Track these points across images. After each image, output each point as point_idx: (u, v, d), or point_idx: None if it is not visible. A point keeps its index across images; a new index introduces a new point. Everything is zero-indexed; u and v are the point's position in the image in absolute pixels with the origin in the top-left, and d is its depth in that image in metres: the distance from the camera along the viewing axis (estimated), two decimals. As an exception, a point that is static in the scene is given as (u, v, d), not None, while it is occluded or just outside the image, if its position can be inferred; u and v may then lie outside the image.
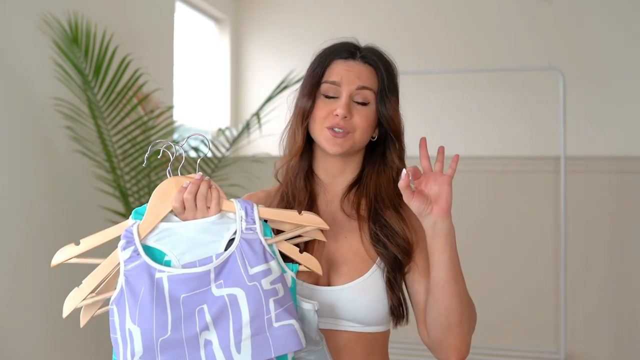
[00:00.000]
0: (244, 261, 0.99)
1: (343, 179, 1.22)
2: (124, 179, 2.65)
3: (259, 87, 4.14)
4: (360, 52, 1.19)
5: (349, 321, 1.13)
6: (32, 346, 2.38)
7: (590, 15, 3.67)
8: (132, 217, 1.04)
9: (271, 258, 1.01)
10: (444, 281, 1.06)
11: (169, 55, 3.42)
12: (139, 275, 0.98)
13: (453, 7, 3.92)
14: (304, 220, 1.07)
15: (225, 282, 0.98)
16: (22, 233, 2.38)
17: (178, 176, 1.07)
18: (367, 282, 1.13)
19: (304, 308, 1.05)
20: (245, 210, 1.03)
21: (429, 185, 1.06)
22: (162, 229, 1.03)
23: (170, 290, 0.97)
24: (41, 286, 2.46)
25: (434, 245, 1.06)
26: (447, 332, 1.09)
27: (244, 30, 4.27)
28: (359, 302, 1.12)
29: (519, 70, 3.58)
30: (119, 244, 1.01)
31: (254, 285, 0.98)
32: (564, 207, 2.92)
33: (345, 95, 1.15)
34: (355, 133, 1.16)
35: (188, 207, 1.03)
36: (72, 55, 2.51)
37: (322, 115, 1.16)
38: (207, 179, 1.05)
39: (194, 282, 0.97)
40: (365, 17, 4.01)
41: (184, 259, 1.01)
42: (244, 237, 1.01)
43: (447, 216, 1.05)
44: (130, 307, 0.97)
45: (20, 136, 2.38)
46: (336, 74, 1.17)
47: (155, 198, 1.04)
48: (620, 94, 3.60)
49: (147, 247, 1.01)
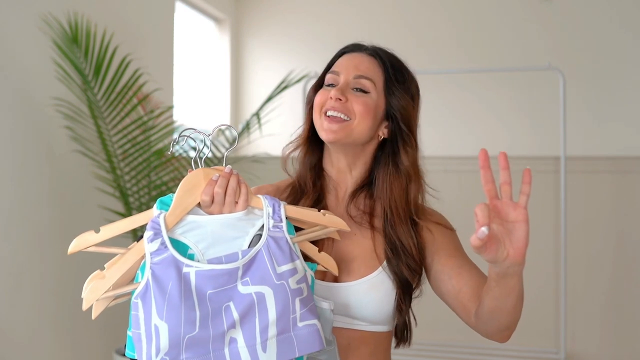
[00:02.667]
0: (271, 259, 0.98)
1: (351, 176, 1.21)
2: (124, 179, 2.65)
3: (259, 87, 4.14)
4: (369, 48, 1.21)
5: (356, 319, 1.13)
6: (32, 346, 2.38)
7: (590, 15, 3.67)
8: (156, 207, 1.00)
9: (296, 257, 1.00)
10: (510, 306, 0.98)
11: (169, 55, 3.42)
12: (167, 269, 0.94)
13: (453, 7, 3.92)
14: (328, 222, 1.06)
15: (251, 280, 0.96)
16: (22, 233, 2.38)
17: (206, 168, 1.03)
18: (375, 279, 1.13)
19: (322, 307, 1.04)
20: (272, 208, 1.02)
21: (502, 222, 0.87)
22: (188, 221, 0.99)
23: (197, 285, 0.95)
24: (41, 286, 2.46)
25: (503, 283, 0.92)
26: (506, 330, 1.06)
27: (244, 30, 4.27)
28: (367, 299, 1.12)
29: (519, 70, 3.58)
30: (145, 235, 0.97)
31: (281, 283, 0.96)
32: (564, 207, 2.92)
33: (342, 81, 1.16)
34: (352, 121, 1.13)
35: (217, 201, 1.00)
36: (72, 55, 2.51)
37: (320, 101, 1.16)
38: (236, 173, 1.03)
39: (222, 278, 0.95)
40: (365, 17, 4.01)
41: (208, 253, 0.98)
42: (271, 235, 1.00)
43: (524, 259, 0.86)
44: (157, 301, 0.93)
45: (21, 136, 2.38)
46: (338, 65, 1.19)
47: (182, 189, 1.00)
48: (620, 94, 3.60)
49: (173, 239, 0.98)
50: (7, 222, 2.31)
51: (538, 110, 3.67)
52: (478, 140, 3.77)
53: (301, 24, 4.13)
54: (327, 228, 1.07)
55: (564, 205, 2.92)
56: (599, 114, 3.62)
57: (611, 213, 3.11)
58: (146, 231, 0.97)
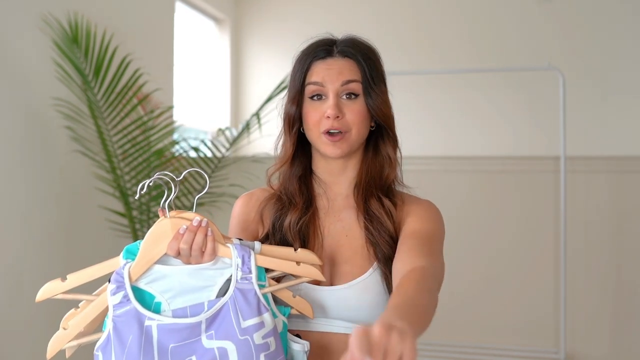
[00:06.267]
0: (237, 313, 0.97)
1: (345, 177, 1.21)
2: (124, 179, 2.65)
3: (259, 87, 4.14)
4: (337, 47, 1.17)
5: (350, 322, 1.11)
6: (32, 346, 2.38)
7: (590, 15, 3.67)
8: (122, 256, 1.00)
9: (265, 310, 0.98)
10: None
11: (169, 55, 3.42)
12: (128, 322, 0.95)
13: (453, 7, 3.92)
14: (302, 272, 1.04)
15: (216, 334, 0.96)
16: (22, 233, 2.38)
17: (174, 217, 1.01)
18: (367, 280, 1.12)
19: (294, 349, 1.03)
20: (242, 259, 1.00)
21: None
22: (154, 271, 0.99)
23: (159, 339, 0.94)
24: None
25: None
26: None
27: (244, 30, 4.27)
28: (360, 301, 1.11)
29: (519, 70, 3.58)
30: (108, 288, 0.98)
31: (245, 339, 0.95)
32: (564, 207, 2.92)
33: (332, 94, 1.14)
34: (351, 132, 1.14)
35: (183, 255, 1.00)
36: (72, 55, 2.51)
37: (315, 119, 1.14)
38: (205, 223, 1.01)
39: (184, 332, 0.95)
40: (365, 17, 4.01)
41: (175, 303, 0.98)
42: (238, 287, 0.98)
43: None
44: (117, 354, 0.94)
45: (21, 136, 2.38)
46: (317, 75, 1.16)
47: (149, 240, 1.00)
48: (620, 94, 3.60)
49: (137, 288, 0.98)
50: (7, 222, 2.31)
51: (538, 110, 3.67)
52: (478, 140, 3.77)
53: (301, 24, 4.13)
54: (300, 278, 1.05)
55: (564, 205, 2.92)
56: (599, 113, 3.62)
57: (611, 213, 3.11)
58: (109, 283, 0.98)
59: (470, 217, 3.14)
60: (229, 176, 3.16)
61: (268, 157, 3.18)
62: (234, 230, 1.21)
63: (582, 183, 3.12)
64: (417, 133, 3.64)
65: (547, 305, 3.14)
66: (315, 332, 1.11)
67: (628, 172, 3.12)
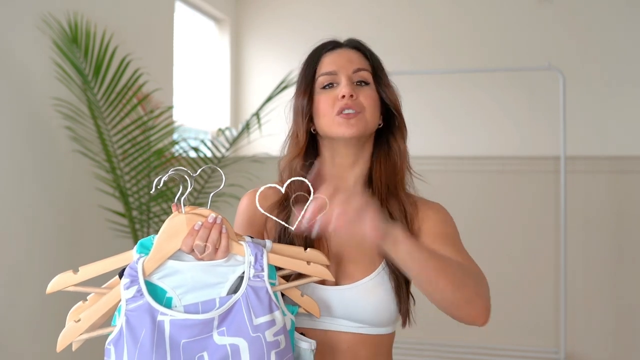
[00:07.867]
0: (249, 310, 0.97)
1: (353, 172, 1.19)
2: (124, 179, 2.65)
3: (259, 87, 4.14)
4: (345, 42, 1.22)
5: (355, 322, 1.11)
6: (32, 346, 2.38)
7: (590, 15, 3.67)
8: (136, 250, 1.00)
9: (276, 308, 0.99)
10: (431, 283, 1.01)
11: (169, 55, 3.42)
12: (141, 317, 0.95)
13: (454, 8, 3.92)
14: (312, 271, 1.05)
15: (227, 330, 0.96)
16: (22, 233, 2.38)
17: (190, 213, 1.01)
18: (374, 280, 1.11)
19: (302, 347, 1.03)
20: (255, 257, 1.00)
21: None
22: (167, 266, 0.99)
23: (171, 334, 0.95)
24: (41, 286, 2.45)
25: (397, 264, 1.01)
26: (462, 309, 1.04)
27: (244, 30, 4.27)
28: (366, 301, 1.10)
29: (519, 70, 3.58)
30: (121, 282, 0.98)
31: (257, 336, 0.96)
32: (564, 207, 2.92)
33: (344, 78, 1.15)
34: (365, 113, 1.14)
35: (197, 251, 1.00)
36: (72, 55, 2.51)
37: (328, 105, 1.14)
38: (220, 221, 1.01)
39: (196, 328, 0.95)
40: (366, 18, 4.01)
41: (186, 298, 0.98)
42: (250, 285, 0.99)
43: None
44: (129, 349, 0.94)
45: (21, 136, 2.38)
46: (328, 65, 1.17)
47: (163, 235, 1.00)
48: (620, 94, 3.60)
49: (150, 283, 0.99)
50: (7, 222, 2.31)
51: (538, 110, 3.67)
52: (478, 140, 3.77)
53: (301, 24, 4.13)
54: (310, 277, 1.06)
55: (564, 205, 2.92)
56: (599, 113, 3.62)
57: (611, 213, 3.11)
58: (123, 277, 0.98)
59: (469, 217, 3.13)
60: (229, 176, 3.16)
61: (268, 157, 3.20)
62: (241, 225, 1.21)
63: (582, 183, 3.12)
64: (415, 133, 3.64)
65: (547, 305, 3.14)
66: (319, 331, 1.11)
67: (628, 172, 3.12)
